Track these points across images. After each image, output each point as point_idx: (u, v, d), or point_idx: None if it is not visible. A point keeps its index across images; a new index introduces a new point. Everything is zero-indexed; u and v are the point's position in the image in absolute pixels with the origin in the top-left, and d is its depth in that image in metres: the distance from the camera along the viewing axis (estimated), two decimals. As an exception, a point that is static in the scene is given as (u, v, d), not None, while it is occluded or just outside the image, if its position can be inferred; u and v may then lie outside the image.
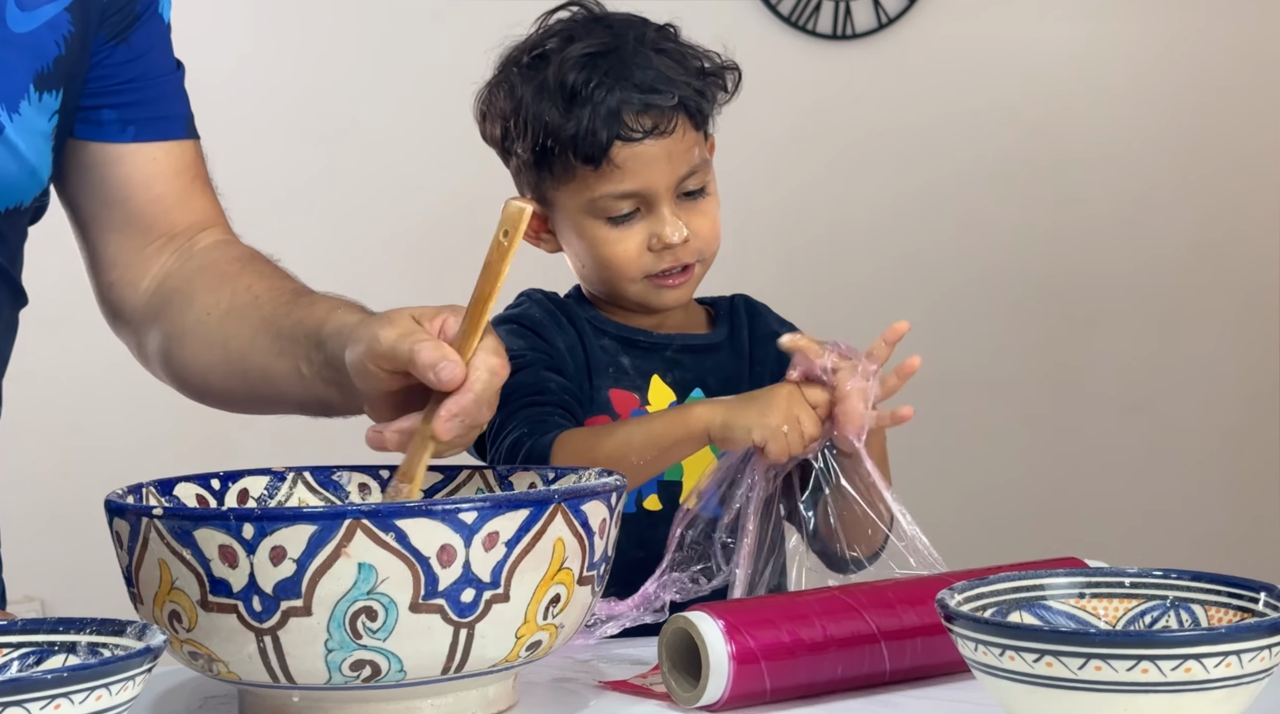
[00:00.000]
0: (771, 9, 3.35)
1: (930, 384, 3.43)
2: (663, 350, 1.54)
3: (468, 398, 1.11)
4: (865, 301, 3.43)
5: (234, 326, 1.30)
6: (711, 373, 1.54)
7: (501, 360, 1.13)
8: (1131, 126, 3.52)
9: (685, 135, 1.49)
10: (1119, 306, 3.55)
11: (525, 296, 1.57)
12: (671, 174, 1.49)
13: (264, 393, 1.30)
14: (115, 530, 1.08)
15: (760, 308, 1.62)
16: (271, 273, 1.34)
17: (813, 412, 1.37)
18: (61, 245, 1.42)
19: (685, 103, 1.49)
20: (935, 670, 1.18)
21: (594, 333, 1.54)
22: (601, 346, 1.53)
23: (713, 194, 1.53)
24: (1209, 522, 3.58)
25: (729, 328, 1.58)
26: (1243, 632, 0.90)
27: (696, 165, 1.50)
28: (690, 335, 1.57)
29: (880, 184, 3.44)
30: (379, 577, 1.00)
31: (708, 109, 1.52)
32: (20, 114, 1.27)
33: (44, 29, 1.27)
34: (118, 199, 1.37)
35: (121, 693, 0.85)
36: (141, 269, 1.38)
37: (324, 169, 3.19)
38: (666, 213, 1.49)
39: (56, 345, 2.69)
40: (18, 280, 1.37)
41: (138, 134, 1.36)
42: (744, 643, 1.12)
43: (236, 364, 1.30)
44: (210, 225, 1.40)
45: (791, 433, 1.36)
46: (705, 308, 1.61)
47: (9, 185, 1.28)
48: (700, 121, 1.51)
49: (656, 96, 1.47)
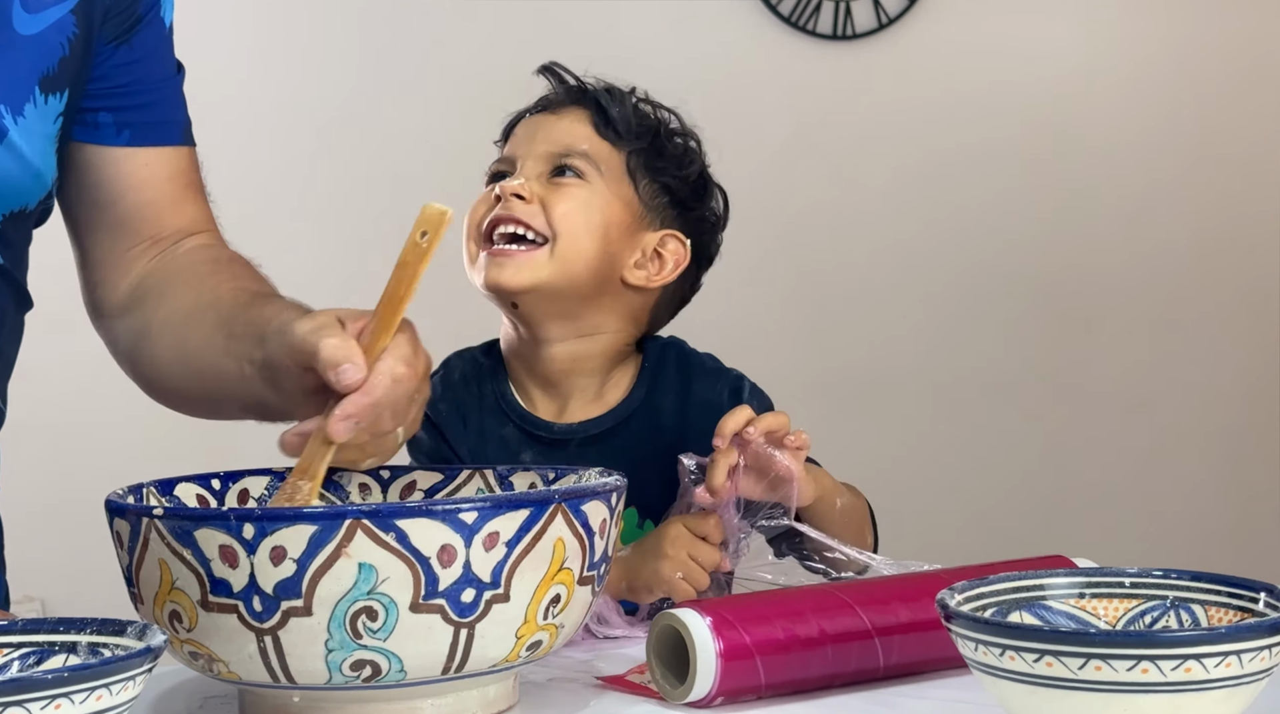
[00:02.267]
0: (771, 9, 3.35)
1: (930, 384, 3.45)
2: (565, 444, 1.49)
3: (364, 401, 1.09)
4: (865, 302, 3.43)
5: (194, 326, 1.29)
6: (619, 461, 1.37)
7: (409, 368, 1.10)
8: (1132, 126, 3.52)
9: (576, 126, 1.51)
10: (1119, 306, 3.55)
11: (444, 367, 1.53)
12: (544, 144, 1.50)
13: (214, 393, 1.29)
14: (115, 530, 1.08)
15: (694, 362, 1.55)
16: (243, 275, 1.33)
17: (704, 543, 1.37)
18: (63, 246, 1.42)
19: (601, 104, 1.51)
20: (926, 666, 1.19)
21: (498, 420, 1.51)
22: (503, 438, 1.50)
23: (589, 188, 1.49)
24: (1209, 522, 3.58)
25: (646, 394, 1.52)
26: (1243, 632, 0.90)
27: (575, 150, 1.49)
28: (594, 421, 1.50)
29: (880, 184, 3.44)
30: (379, 577, 1.00)
31: (621, 133, 1.51)
32: (25, 117, 1.26)
33: (50, 30, 1.27)
34: (108, 201, 1.37)
35: (121, 693, 0.85)
36: (124, 269, 1.37)
37: (324, 169, 3.19)
38: (521, 172, 1.49)
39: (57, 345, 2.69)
40: (23, 283, 1.36)
41: (133, 138, 1.35)
42: (731, 639, 1.12)
43: (193, 363, 1.29)
44: (198, 231, 1.39)
45: (690, 574, 1.37)
46: (638, 361, 1.55)
47: (13, 188, 1.28)
48: (603, 133, 1.51)
49: (572, 90, 1.53)
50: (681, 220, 1.54)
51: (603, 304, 1.50)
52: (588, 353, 1.51)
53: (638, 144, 1.52)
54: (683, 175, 1.54)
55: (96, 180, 1.36)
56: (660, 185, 1.53)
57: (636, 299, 1.52)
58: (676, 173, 1.53)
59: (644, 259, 1.51)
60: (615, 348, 1.52)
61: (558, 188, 1.48)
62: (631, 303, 1.52)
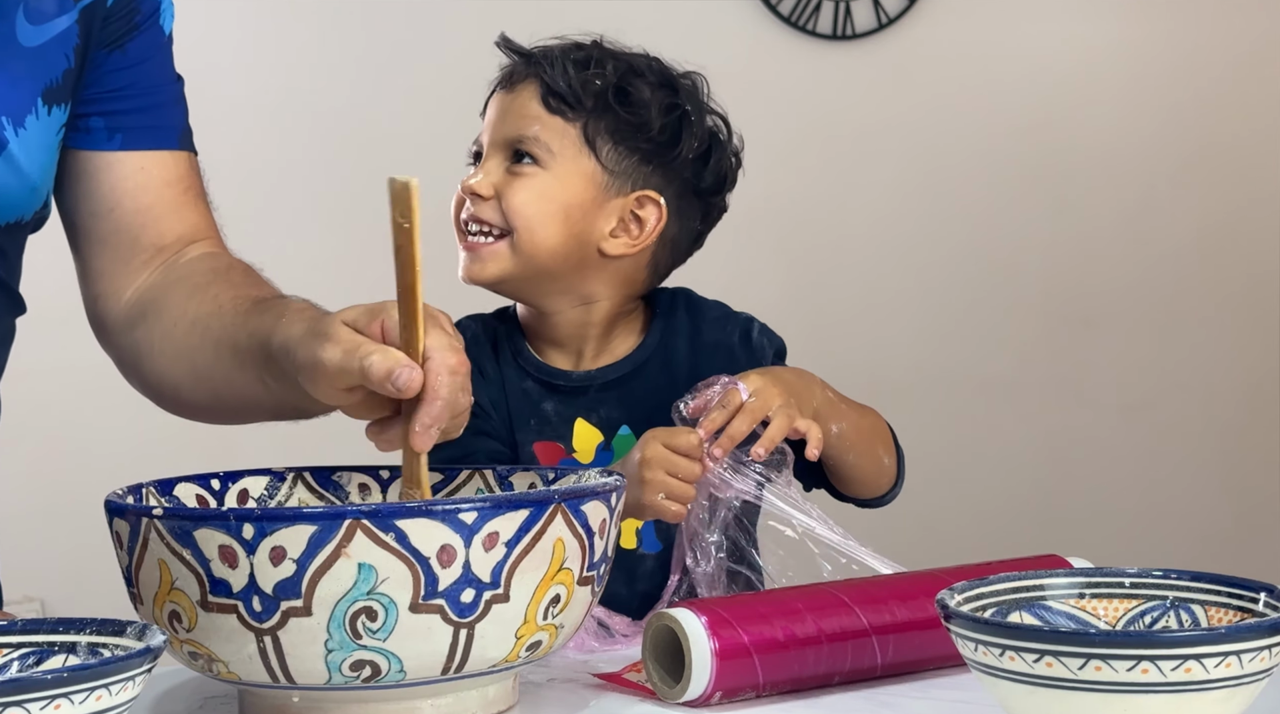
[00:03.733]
0: (771, 9, 3.35)
1: (930, 384, 3.45)
2: (584, 392, 1.50)
3: (437, 406, 1.08)
4: (865, 302, 3.43)
5: (198, 338, 1.27)
6: (638, 404, 1.49)
7: (459, 357, 1.10)
8: (1131, 126, 3.52)
9: (529, 104, 1.48)
10: (1119, 307, 3.55)
11: (460, 328, 1.51)
12: (500, 130, 1.49)
13: (233, 405, 1.28)
14: (115, 530, 1.08)
15: (703, 307, 1.55)
16: (243, 282, 1.31)
17: (682, 459, 1.35)
18: (62, 247, 1.42)
19: (545, 79, 1.48)
20: (923, 665, 1.19)
21: (518, 373, 1.51)
22: (524, 391, 1.50)
23: (544, 174, 1.47)
24: (1209, 522, 3.58)
25: (660, 338, 1.53)
26: (1243, 632, 0.90)
27: (526, 135, 1.47)
28: (611, 367, 1.51)
29: (880, 184, 3.44)
30: (379, 577, 1.00)
31: (570, 100, 1.48)
32: (26, 129, 1.25)
33: (54, 42, 1.26)
34: (105, 209, 1.35)
35: (121, 693, 0.85)
36: (126, 281, 1.35)
37: (326, 171, 3.19)
38: (485, 166, 1.49)
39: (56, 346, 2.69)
40: (16, 290, 1.35)
41: (125, 142, 1.34)
42: (727, 638, 1.12)
43: (204, 377, 1.28)
44: (200, 238, 1.37)
45: (671, 491, 1.35)
46: (647, 310, 1.55)
47: (10, 201, 1.27)
48: (555, 107, 1.48)
49: (520, 61, 1.51)
50: (658, 174, 1.49)
51: (589, 276, 1.50)
52: (590, 318, 1.52)
53: (590, 113, 1.48)
54: (646, 133, 1.49)
55: (92, 187, 1.34)
56: (625, 148, 1.49)
57: (625, 264, 1.50)
58: (638, 133, 1.48)
59: (620, 227, 1.49)
60: (616, 309, 1.53)
61: (513, 179, 1.47)
62: (621, 268, 1.51)
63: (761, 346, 1.53)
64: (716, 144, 1.52)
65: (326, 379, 1.09)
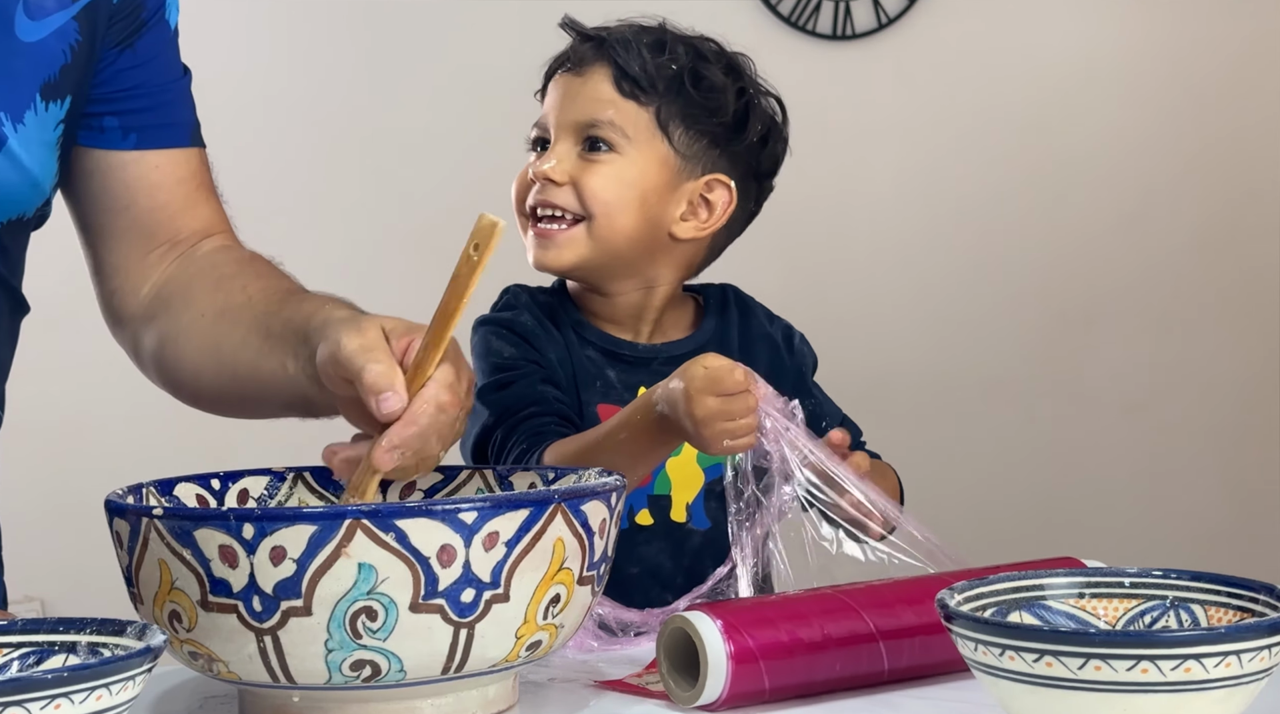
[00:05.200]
0: (771, 9, 3.35)
1: (930, 384, 3.45)
2: (648, 363, 1.52)
3: (410, 431, 1.08)
4: (865, 301, 3.43)
5: (227, 327, 1.28)
6: None
7: (453, 396, 1.10)
8: (1132, 126, 3.52)
9: (601, 88, 1.48)
10: (1118, 307, 3.55)
11: (512, 296, 1.54)
12: (570, 113, 1.48)
13: (251, 393, 1.29)
14: (115, 530, 1.08)
15: (751, 304, 1.60)
16: (268, 273, 1.33)
17: (737, 401, 1.29)
18: (61, 246, 1.42)
19: (618, 62, 1.48)
20: (934, 670, 1.18)
21: (579, 342, 1.52)
22: (588, 357, 1.51)
23: (621, 160, 1.47)
24: (1209, 522, 3.58)
25: (716, 323, 1.56)
26: (1243, 632, 0.90)
27: (600, 120, 1.47)
28: (675, 343, 1.54)
29: (880, 184, 3.44)
30: (379, 577, 1.00)
31: (645, 84, 1.48)
32: (25, 124, 1.25)
33: (52, 38, 1.26)
34: (120, 206, 1.36)
35: (121, 693, 0.85)
36: (142, 275, 1.37)
37: (327, 170, 3.19)
38: (555, 150, 1.48)
39: (56, 345, 2.69)
40: (18, 289, 1.36)
41: (140, 141, 1.35)
42: (742, 642, 1.11)
43: (227, 365, 1.28)
44: (214, 232, 1.39)
45: (737, 432, 1.29)
46: (694, 298, 1.59)
47: (10, 197, 1.27)
48: (629, 90, 1.48)
49: (589, 44, 1.49)
50: (725, 158, 1.51)
51: (657, 259, 1.52)
52: (649, 302, 1.53)
53: (664, 97, 1.49)
54: (719, 117, 1.50)
55: (107, 186, 1.36)
56: (696, 132, 1.50)
57: (690, 248, 1.53)
58: (710, 117, 1.50)
59: (691, 210, 1.51)
60: (673, 291, 1.55)
61: (589, 165, 1.48)
62: (685, 252, 1.53)
63: (803, 354, 1.58)
64: (774, 126, 1.55)
65: (334, 363, 1.10)
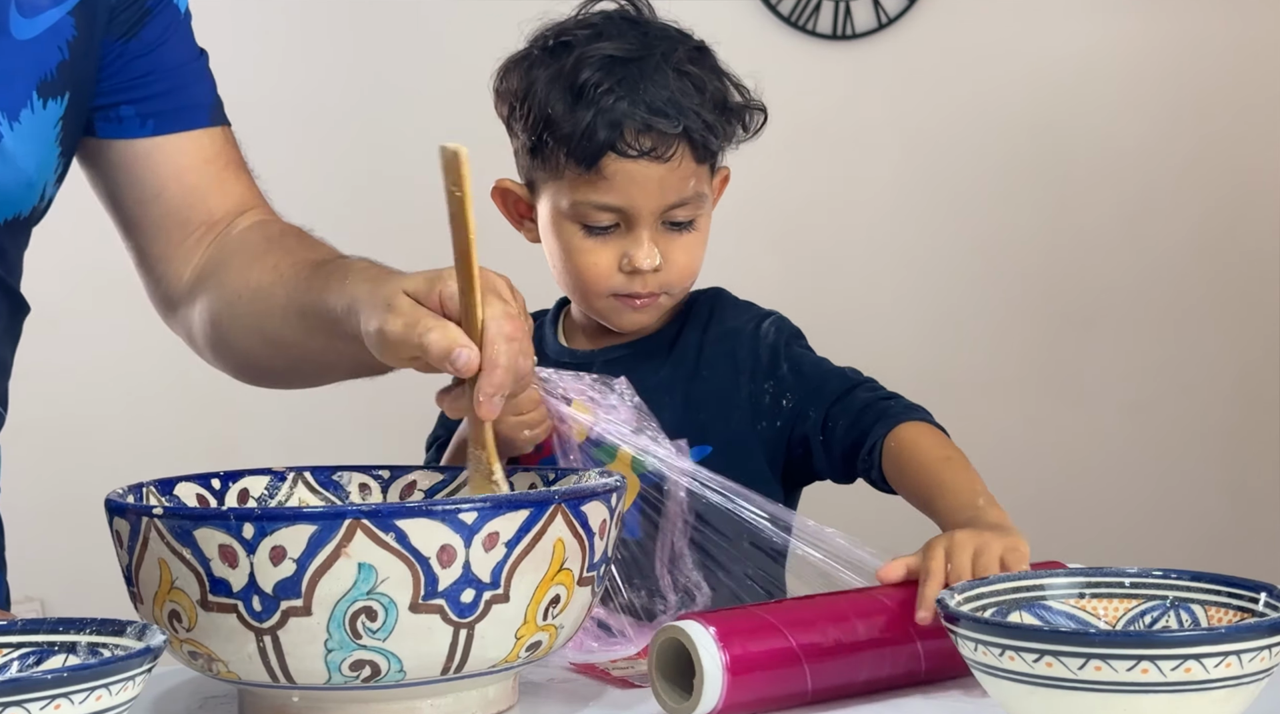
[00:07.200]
0: (771, 9, 3.35)
1: (930, 384, 3.44)
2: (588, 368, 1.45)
3: (498, 375, 1.10)
4: (865, 302, 3.43)
5: (264, 307, 1.28)
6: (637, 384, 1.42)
7: (515, 323, 1.11)
8: (1132, 127, 3.52)
9: (683, 165, 1.45)
10: (1118, 307, 3.55)
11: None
12: (659, 200, 1.44)
13: (308, 370, 1.31)
14: (115, 530, 1.09)
15: (729, 303, 1.56)
16: (297, 247, 1.32)
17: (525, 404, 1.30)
18: (60, 245, 1.42)
19: (690, 133, 1.45)
20: (933, 676, 1.18)
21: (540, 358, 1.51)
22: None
23: (700, 230, 1.48)
24: (1209, 522, 3.58)
25: (679, 327, 1.53)
26: (1243, 632, 0.90)
27: (688, 197, 1.46)
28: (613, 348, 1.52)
29: (880, 184, 3.44)
30: (379, 577, 1.00)
31: (715, 145, 1.48)
32: (21, 123, 1.25)
33: (47, 35, 1.26)
34: (150, 195, 1.36)
35: (121, 693, 0.85)
36: (184, 261, 1.37)
37: (327, 170, 3.19)
38: (645, 237, 1.45)
39: (56, 345, 2.69)
40: (17, 290, 1.35)
41: (158, 127, 1.35)
42: (737, 651, 1.10)
43: (276, 345, 1.29)
44: (248, 208, 1.38)
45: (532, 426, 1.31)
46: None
47: (6, 197, 1.27)
48: (704, 155, 1.47)
49: (662, 120, 1.43)
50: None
51: None
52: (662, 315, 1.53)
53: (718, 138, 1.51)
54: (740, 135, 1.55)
55: (136, 176, 1.35)
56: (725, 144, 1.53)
57: None
58: (733, 132, 1.53)
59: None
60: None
61: (674, 241, 1.47)
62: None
63: (767, 334, 1.52)
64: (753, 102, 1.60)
65: (390, 349, 1.11)
